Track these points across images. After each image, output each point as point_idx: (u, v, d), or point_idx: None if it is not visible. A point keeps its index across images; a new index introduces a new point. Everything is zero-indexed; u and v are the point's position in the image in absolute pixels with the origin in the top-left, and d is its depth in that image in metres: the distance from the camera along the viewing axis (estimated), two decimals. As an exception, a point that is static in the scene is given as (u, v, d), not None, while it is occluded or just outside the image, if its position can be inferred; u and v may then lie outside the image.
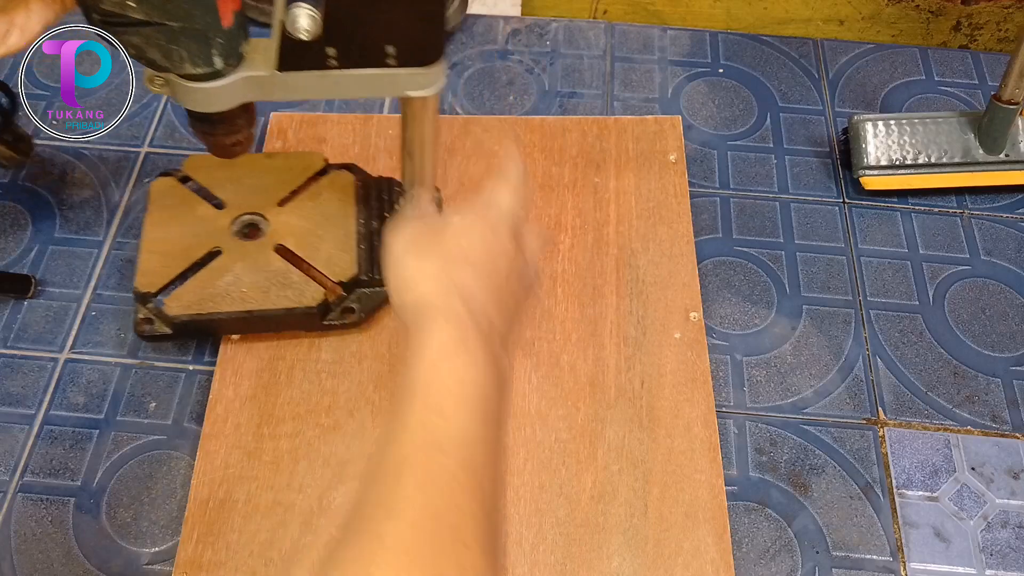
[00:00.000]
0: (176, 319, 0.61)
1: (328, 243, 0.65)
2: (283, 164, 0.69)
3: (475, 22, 0.86)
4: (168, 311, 0.61)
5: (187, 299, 0.62)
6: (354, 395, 0.62)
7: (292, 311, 0.62)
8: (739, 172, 0.76)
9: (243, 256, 0.64)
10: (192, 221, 0.65)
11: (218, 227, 0.65)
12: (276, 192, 0.67)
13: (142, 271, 0.63)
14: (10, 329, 0.66)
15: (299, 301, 0.62)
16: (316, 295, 0.62)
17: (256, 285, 0.62)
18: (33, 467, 0.60)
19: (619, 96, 0.81)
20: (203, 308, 0.61)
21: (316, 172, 0.68)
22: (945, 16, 0.90)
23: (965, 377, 0.66)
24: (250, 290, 0.62)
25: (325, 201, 0.67)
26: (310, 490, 0.58)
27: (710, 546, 0.57)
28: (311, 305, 0.62)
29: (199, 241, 0.64)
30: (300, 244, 0.64)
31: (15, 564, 0.56)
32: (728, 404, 0.64)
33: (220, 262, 0.63)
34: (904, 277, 0.71)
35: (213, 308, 0.61)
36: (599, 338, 0.65)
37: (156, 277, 0.63)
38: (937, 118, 0.74)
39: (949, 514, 0.60)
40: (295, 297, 0.62)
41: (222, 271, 0.63)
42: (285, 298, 0.62)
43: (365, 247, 0.65)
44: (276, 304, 0.62)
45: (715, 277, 0.70)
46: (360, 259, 0.64)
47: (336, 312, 0.64)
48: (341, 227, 0.65)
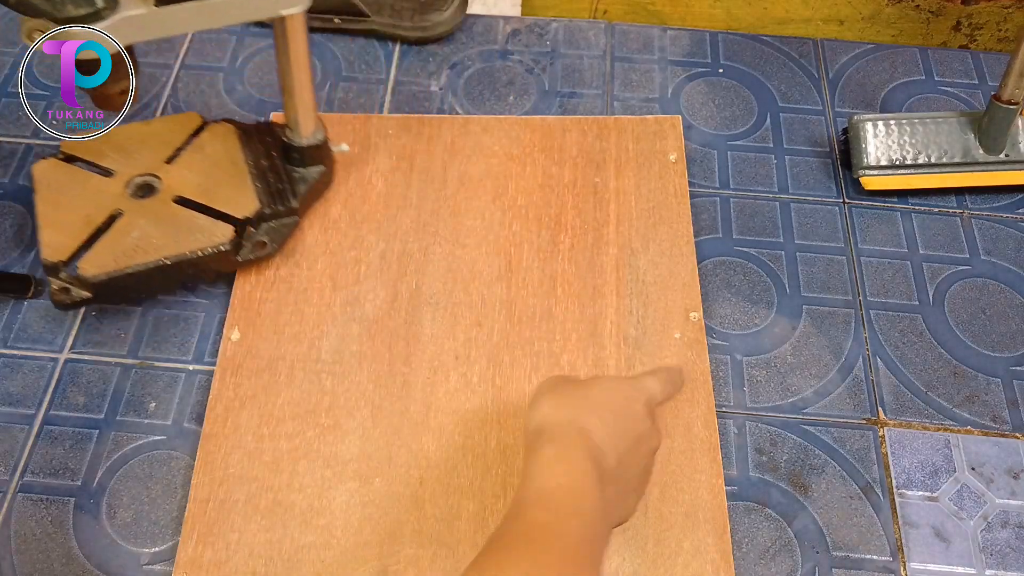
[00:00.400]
0: (94, 279, 0.61)
1: (224, 186, 0.66)
2: (162, 127, 0.70)
3: (475, 22, 0.86)
4: (84, 273, 0.61)
5: (100, 260, 0.62)
6: (354, 395, 0.62)
7: (206, 252, 0.63)
8: (739, 172, 0.76)
9: (145, 213, 0.65)
10: (85, 192, 0.66)
11: (112, 193, 0.66)
12: (161, 152, 0.68)
13: (46, 244, 0.63)
14: (10, 329, 0.66)
15: (211, 241, 0.63)
16: (226, 232, 0.64)
17: (165, 235, 0.63)
18: (33, 467, 0.60)
19: (619, 96, 0.81)
20: (119, 265, 0.62)
21: (196, 129, 0.70)
22: (945, 16, 0.90)
23: (965, 377, 0.66)
24: (160, 240, 0.63)
25: (211, 152, 0.69)
26: (310, 490, 0.58)
27: (710, 546, 0.57)
28: (223, 242, 0.63)
29: (97, 208, 0.65)
30: (198, 192, 0.66)
31: (15, 564, 0.56)
32: (728, 404, 0.64)
33: (124, 222, 0.64)
34: (904, 277, 0.71)
35: (128, 262, 0.62)
36: (599, 338, 0.65)
37: (62, 247, 0.63)
38: (937, 118, 0.74)
39: (949, 514, 0.60)
40: (206, 238, 0.63)
41: (128, 229, 0.64)
42: (196, 240, 0.63)
43: (262, 184, 0.67)
44: (190, 247, 0.63)
45: (715, 277, 0.70)
46: (259, 194, 0.66)
47: (248, 247, 0.65)
48: (233, 171, 0.67)
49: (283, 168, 0.68)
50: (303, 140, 0.67)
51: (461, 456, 0.60)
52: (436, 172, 0.74)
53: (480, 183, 0.73)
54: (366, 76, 0.81)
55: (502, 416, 0.62)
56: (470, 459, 0.60)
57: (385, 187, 0.72)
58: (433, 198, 0.72)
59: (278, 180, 0.68)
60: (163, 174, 0.67)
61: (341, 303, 0.66)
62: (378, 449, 0.60)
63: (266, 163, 0.68)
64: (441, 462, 0.60)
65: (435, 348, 0.64)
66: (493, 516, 0.58)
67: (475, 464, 0.60)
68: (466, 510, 0.58)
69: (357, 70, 0.82)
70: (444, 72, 0.82)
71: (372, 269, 0.68)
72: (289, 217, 0.67)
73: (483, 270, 0.68)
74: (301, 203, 0.68)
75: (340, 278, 0.67)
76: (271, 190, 0.67)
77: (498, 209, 0.71)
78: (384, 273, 0.68)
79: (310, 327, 0.65)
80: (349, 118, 0.77)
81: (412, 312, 0.66)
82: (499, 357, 0.64)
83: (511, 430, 0.61)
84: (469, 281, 0.68)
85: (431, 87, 0.81)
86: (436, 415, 0.62)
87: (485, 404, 0.62)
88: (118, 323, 0.66)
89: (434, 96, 0.80)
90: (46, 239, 0.63)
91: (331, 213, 0.71)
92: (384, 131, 0.76)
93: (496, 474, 0.59)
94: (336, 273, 0.68)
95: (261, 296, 0.66)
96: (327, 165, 0.70)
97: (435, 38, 0.83)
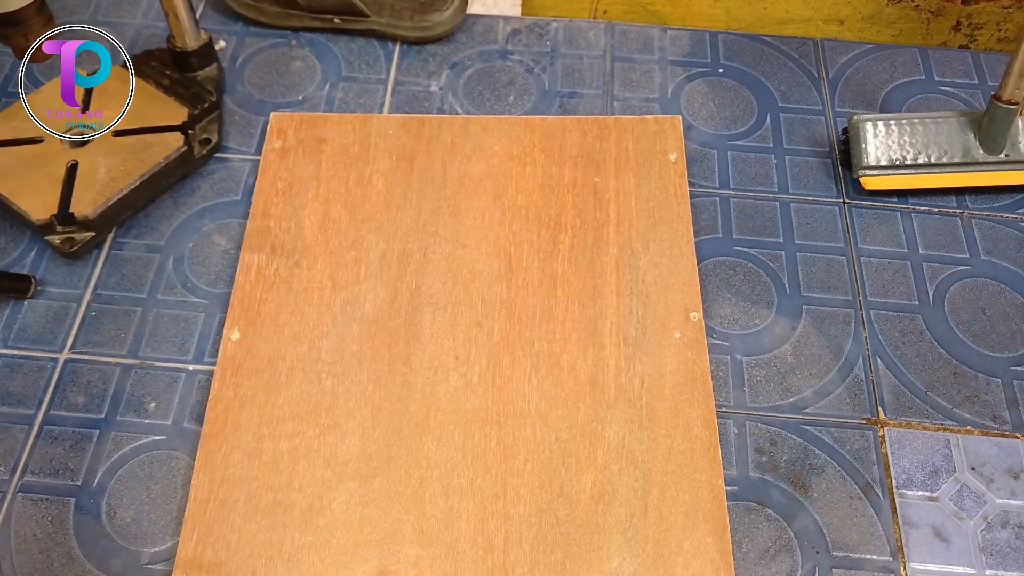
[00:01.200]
0: (92, 217, 0.67)
1: (148, 108, 0.74)
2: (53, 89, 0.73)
3: (475, 22, 0.86)
4: (80, 215, 0.67)
5: (87, 200, 0.68)
6: (354, 395, 0.62)
7: (170, 159, 0.71)
8: (739, 172, 0.76)
9: (95, 154, 0.71)
10: (30, 162, 0.70)
11: (54, 151, 0.71)
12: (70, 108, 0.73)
13: (29, 209, 0.67)
14: (10, 329, 0.66)
15: (168, 149, 0.71)
16: (177, 138, 0.72)
17: (128, 160, 0.71)
18: (33, 467, 0.60)
19: (619, 96, 0.81)
20: (106, 196, 0.68)
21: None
22: (945, 16, 0.90)
23: (965, 377, 0.66)
24: (128, 165, 0.70)
25: (115, 90, 0.73)
26: (310, 490, 0.58)
27: (710, 546, 0.57)
28: (179, 146, 0.72)
29: (52, 167, 0.70)
30: (130, 121, 0.72)
31: (15, 564, 0.56)
32: (728, 404, 0.64)
33: (85, 167, 0.70)
34: (904, 277, 0.71)
35: (112, 192, 0.69)
36: (599, 338, 0.65)
37: (44, 205, 0.68)
38: (937, 118, 0.74)
39: (949, 514, 0.60)
40: (164, 149, 0.71)
41: (94, 169, 0.70)
42: (157, 153, 0.71)
43: (175, 96, 0.75)
44: (154, 161, 0.71)
45: (715, 277, 0.70)
46: (181, 102, 0.75)
47: (198, 147, 0.74)
48: (144, 95, 0.75)
49: (182, 78, 0.77)
50: (192, 45, 0.76)
51: (461, 456, 0.60)
52: (436, 172, 0.74)
53: (480, 183, 0.73)
54: (366, 76, 0.81)
55: (502, 416, 0.62)
56: (470, 459, 0.60)
57: (385, 187, 0.72)
58: (433, 198, 0.72)
59: (186, 88, 0.76)
60: (88, 120, 0.72)
61: (341, 303, 0.66)
62: (378, 449, 0.60)
63: (166, 81, 0.76)
64: (441, 462, 0.60)
65: (435, 348, 0.64)
66: (493, 516, 0.58)
67: (475, 464, 0.60)
68: (466, 510, 0.58)
69: (357, 70, 0.82)
70: (444, 72, 0.82)
71: (372, 269, 0.68)
72: (213, 111, 0.76)
73: (483, 270, 0.68)
74: (217, 96, 0.77)
75: (340, 278, 0.68)
76: (187, 95, 0.76)
77: (498, 209, 0.71)
78: (384, 273, 0.68)
79: (310, 327, 0.65)
80: (349, 118, 0.77)
81: (412, 312, 0.66)
82: (499, 357, 0.64)
83: (511, 430, 0.61)
84: (469, 281, 0.68)
85: (431, 87, 0.81)
86: (436, 415, 0.62)
87: (485, 404, 0.62)
88: (118, 323, 0.66)
89: (434, 96, 0.80)
90: (26, 206, 0.67)
91: (331, 213, 0.71)
92: (384, 131, 0.76)
93: (496, 474, 0.59)
94: (336, 273, 0.68)
95: (261, 296, 0.66)
96: (217, 60, 0.79)
97: (435, 38, 0.83)
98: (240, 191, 0.74)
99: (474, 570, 0.56)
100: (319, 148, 0.74)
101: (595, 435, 0.61)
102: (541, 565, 0.56)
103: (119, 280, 0.68)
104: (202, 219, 0.72)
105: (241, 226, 0.71)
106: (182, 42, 0.75)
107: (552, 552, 0.57)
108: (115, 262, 0.69)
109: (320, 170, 0.73)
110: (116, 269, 0.69)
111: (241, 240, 0.70)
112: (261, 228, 0.70)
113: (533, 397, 0.62)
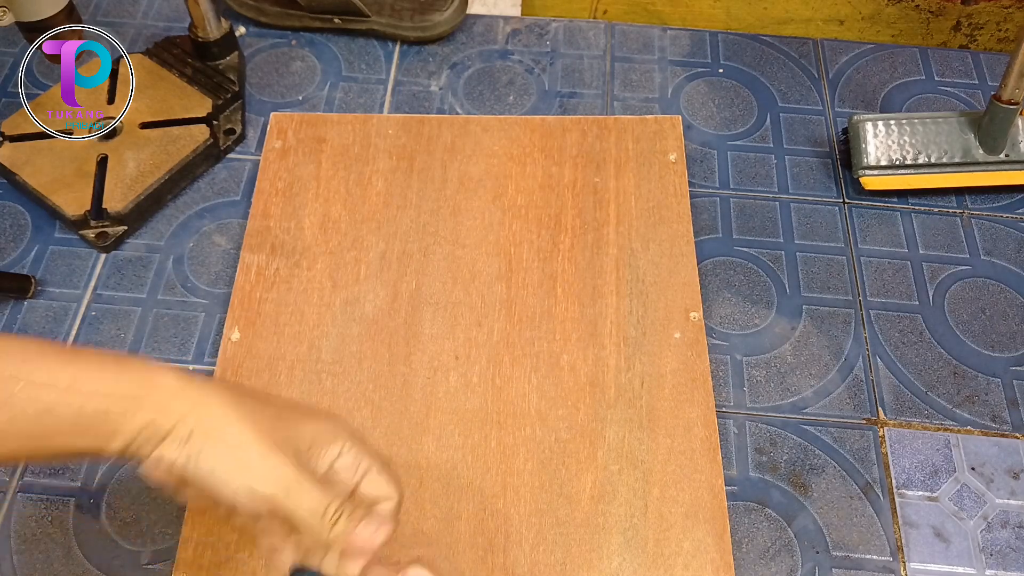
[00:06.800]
0: (124, 212, 0.69)
1: (172, 100, 0.75)
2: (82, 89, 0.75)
3: (475, 22, 0.86)
4: (113, 210, 0.68)
5: (118, 195, 0.69)
6: (354, 395, 0.62)
7: (197, 152, 0.72)
8: (739, 172, 0.76)
9: (124, 148, 0.72)
10: (61, 155, 0.71)
11: (84, 145, 0.72)
12: (96, 98, 0.74)
13: (64, 205, 0.69)
14: (10, 329, 0.66)
15: (195, 142, 0.72)
16: (203, 131, 0.73)
17: (156, 154, 0.72)
18: (33, 467, 0.60)
19: (619, 96, 0.81)
20: (136, 191, 0.69)
21: (111, 70, 0.75)
22: (945, 16, 0.90)
23: (965, 377, 0.66)
24: (156, 159, 0.71)
25: (139, 81, 0.75)
26: (310, 490, 0.58)
27: (710, 546, 0.57)
28: (205, 139, 0.73)
29: (82, 161, 0.71)
30: (155, 113, 0.74)
31: (15, 564, 0.56)
32: (728, 404, 0.64)
33: (114, 161, 0.71)
34: (904, 277, 0.71)
35: (142, 187, 0.70)
36: (599, 338, 0.65)
37: (78, 201, 0.69)
38: (937, 118, 0.74)
39: (949, 514, 0.60)
40: (191, 142, 0.72)
41: (123, 163, 0.71)
42: (184, 147, 0.72)
43: (199, 86, 0.76)
44: (182, 154, 0.72)
45: (715, 277, 0.70)
46: (204, 93, 0.75)
47: (223, 138, 0.75)
48: (168, 86, 0.76)
49: (204, 67, 0.77)
50: (215, 34, 0.76)
51: (461, 456, 0.60)
52: (436, 172, 0.74)
53: (480, 183, 0.73)
54: (366, 76, 0.81)
55: (502, 416, 0.62)
56: (470, 459, 0.60)
57: (385, 187, 0.72)
58: (433, 198, 0.72)
59: (208, 78, 0.76)
60: (114, 113, 0.71)
61: (341, 303, 0.66)
62: (378, 449, 0.60)
63: (189, 70, 0.77)
64: (441, 462, 0.60)
65: (435, 348, 0.64)
66: (493, 516, 0.58)
67: (475, 464, 0.60)
68: (466, 510, 0.58)
69: (357, 70, 0.82)
70: (444, 72, 0.82)
71: (372, 269, 0.68)
72: (236, 101, 0.77)
73: (483, 270, 0.68)
74: (240, 85, 0.77)
75: (340, 278, 0.68)
76: (210, 86, 0.76)
77: (498, 209, 0.71)
78: (384, 273, 0.68)
79: (310, 327, 0.65)
80: (349, 118, 0.77)
81: (412, 312, 0.66)
82: (499, 357, 0.64)
83: (511, 430, 0.61)
84: (469, 281, 0.68)
85: (431, 87, 0.81)
86: (436, 415, 0.62)
87: (485, 404, 0.62)
88: (118, 323, 0.66)
89: (434, 96, 0.80)
90: (60, 202, 0.69)
91: (331, 213, 0.71)
92: (384, 131, 0.76)
93: (496, 474, 0.59)
94: (336, 273, 0.68)
95: (261, 296, 0.66)
96: (239, 48, 0.79)
97: (435, 38, 0.83)
98: (240, 191, 0.74)
99: (474, 570, 0.56)
100: (319, 148, 0.74)
101: (595, 435, 0.61)
102: (541, 565, 0.56)
103: (119, 280, 0.68)
104: (202, 219, 0.72)
105: (241, 226, 0.71)
106: (204, 31, 0.76)
107: (552, 552, 0.57)
108: (115, 262, 0.69)
109: (320, 170, 0.73)
110: (116, 269, 0.69)
111: (241, 240, 0.70)
112: (261, 228, 0.70)
113: (533, 397, 0.62)
